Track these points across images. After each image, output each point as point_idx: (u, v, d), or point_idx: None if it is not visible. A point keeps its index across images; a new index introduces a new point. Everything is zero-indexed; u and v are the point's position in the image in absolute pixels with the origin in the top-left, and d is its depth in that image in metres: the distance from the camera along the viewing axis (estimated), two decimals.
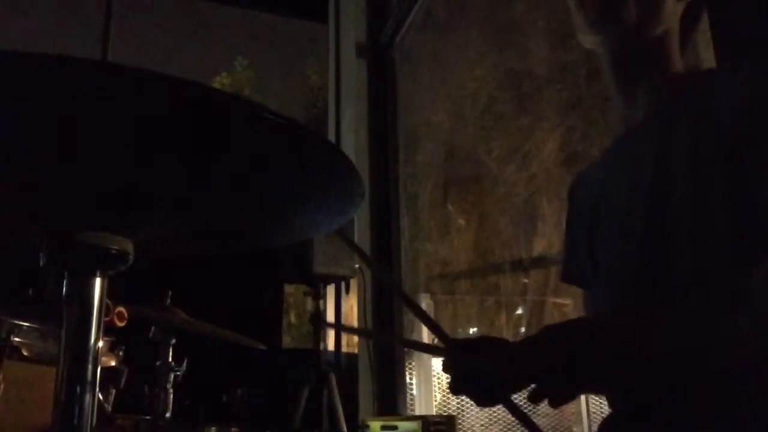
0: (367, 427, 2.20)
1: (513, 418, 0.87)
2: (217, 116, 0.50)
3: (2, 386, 1.45)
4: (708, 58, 1.29)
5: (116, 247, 0.62)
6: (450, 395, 2.82)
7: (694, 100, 0.86)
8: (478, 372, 0.88)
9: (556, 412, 2.57)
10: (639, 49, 0.92)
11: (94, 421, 0.60)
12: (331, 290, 2.73)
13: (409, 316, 3.00)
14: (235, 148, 0.55)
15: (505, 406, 0.90)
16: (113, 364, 1.75)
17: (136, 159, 0.54)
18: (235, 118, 0.51)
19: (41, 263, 0.62)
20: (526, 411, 0.87)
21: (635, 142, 0.94)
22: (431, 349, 1.01)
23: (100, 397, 1.60)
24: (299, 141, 0.55)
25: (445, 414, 2.74)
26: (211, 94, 0.48)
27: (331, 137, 3.41)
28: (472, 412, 2.89)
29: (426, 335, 2.84)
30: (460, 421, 2.70)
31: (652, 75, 0.93)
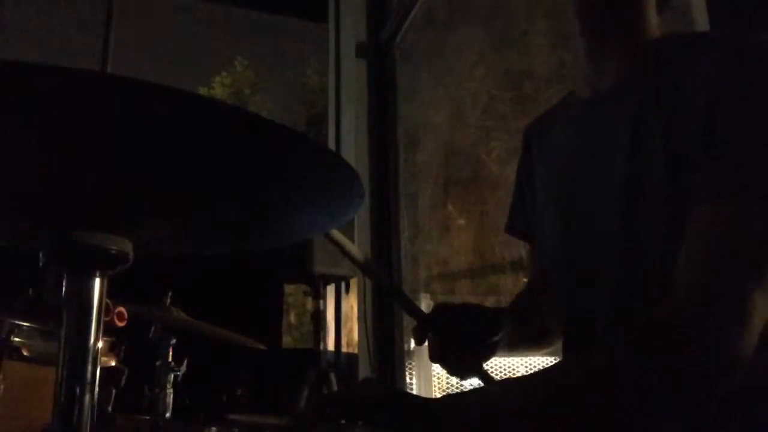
0: None
1: None
2: (216, 125, 0.51)
3: (2, 386, 1.45)
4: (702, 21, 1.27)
5: (115, 247, 0.62)
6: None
7: (671, 73, 0.81)
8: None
9: None
10: (612, 6, 0.87)
11: (95, 421, 0.60)
12: (331, 290, 2.73)
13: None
14: (235, 152, 0.55)
15: (477, 376, 0.97)
16: (113, 364, 1.75)
17: (136, 160, 0.54)
18: (234, 127, 0.51)
19: (41, 263, 0.62)
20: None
21: (606, 108, 0.88)
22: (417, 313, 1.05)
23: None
24: (299, 147, 0.55)
25: None
26: (210, 104, 0.49)
27: (331, 137, 3.41)
28: None
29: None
30: None
31: (625, 36, 0.88)
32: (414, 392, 2.85)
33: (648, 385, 0.67)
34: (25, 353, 1.55)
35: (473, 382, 1.06)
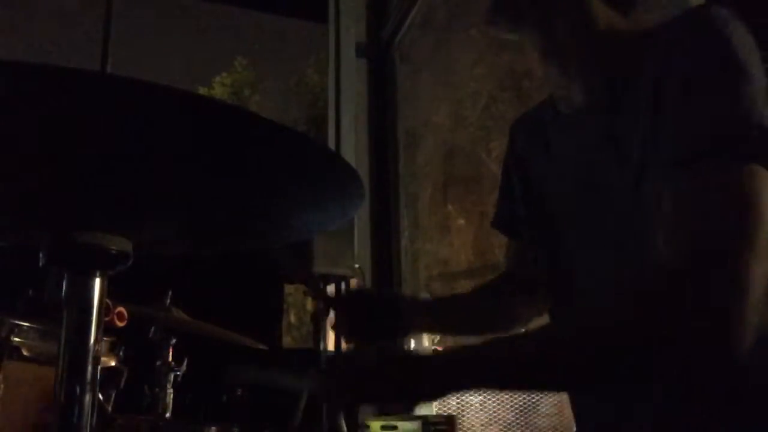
0: (368, 427, 2.20)
1: (512, 418, 0.92)
2: (217, 125, 0.51)
3: (2, 386, 1.45)
4: None
5: (116, 247, 0.62)
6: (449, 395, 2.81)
7: (629, 75, 0.82)
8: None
9: (556, 411, 2.57)
10: (557, 35, 0.88)
11: (94, 421, 0.60)
12: (331, 290, 2.73)
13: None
14: (236, 152, 0.55)
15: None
16: (113, 364, 1.75)
17: (136, 160, 0.54)
18: (235, 126, 0.51)
19: (41, 263, 0.62)
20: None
21: (586, 123, 0.88)
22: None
23: (100, 397, 1.60)
24: (299, 147, 0.55)
25: (445, 414, 2.74)
26: (210, 104, 0.49)
27: (331, 137, 3.41)
28: (472, 412, 2.89)
29: (426, 339, 2.83)
30: (460, 421, 2.70)
31: (582, 48, 0.88)
32: None
33: (651, 354, 0.68)
34: (25, 353, 1.55)
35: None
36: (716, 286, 0.66)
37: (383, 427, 2.15)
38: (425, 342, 2.81)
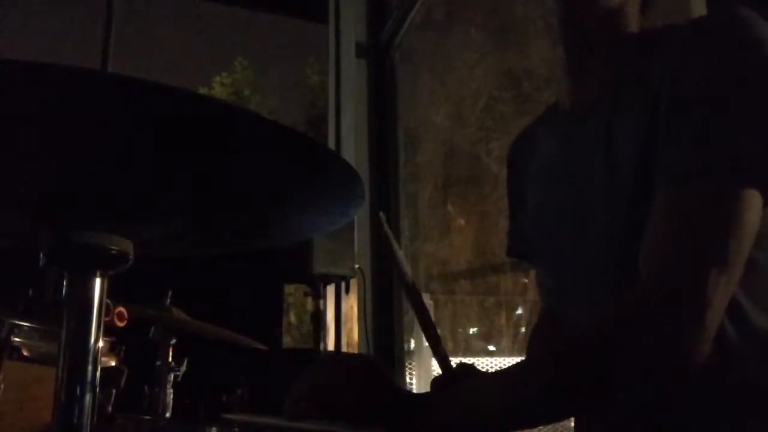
0: None
1: None
2: (217, 125, 0.51)
3: (2, 386, 1.45)
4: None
5: (116, 247, 0.62)
6: None
7: (640, 65, 0.80)
8: None
9: None
10: (597, 21, 0.84)
11: (95, 421, 0.60)
12: (331, 290, 2.73)
13: (409, 316, 3.00)
14: (236, 153, 0.55)
15: None
16: (113, 364, 1.75)
17: (136, 160, 0.54)
18: (235, 126, 0.51)
19: (41, 263, 0.62)
20: None
21: (587, 122, 0.86)
22: None
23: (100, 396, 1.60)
24: (299, 147, 0.55)
25: None
26: (211, 104, 0.49)
27: (331, 137, 3.41)
28: None
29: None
30: None
31: (607, 49, 0.85)
32: (414, 392, 2.85)
33: (614, 372, 0.68)
34: (25, 353, 1.55)
35: None
36: (680, 314, 0.67)
37: None
38: (425, 342, 2.80)
